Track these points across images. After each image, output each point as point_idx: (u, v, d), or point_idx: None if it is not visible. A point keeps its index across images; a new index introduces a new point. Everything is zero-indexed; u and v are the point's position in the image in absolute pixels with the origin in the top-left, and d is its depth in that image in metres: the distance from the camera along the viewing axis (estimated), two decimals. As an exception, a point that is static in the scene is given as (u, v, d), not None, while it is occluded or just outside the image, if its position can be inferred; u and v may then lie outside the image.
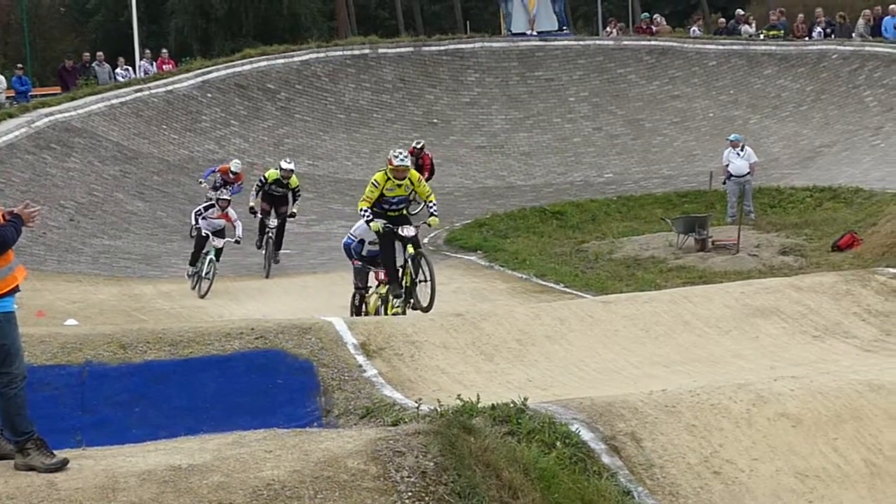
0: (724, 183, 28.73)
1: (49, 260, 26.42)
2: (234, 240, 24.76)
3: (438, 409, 10.81)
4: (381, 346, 14.34)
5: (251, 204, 26.66)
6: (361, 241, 19.45)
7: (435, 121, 37.63)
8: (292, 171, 27.07)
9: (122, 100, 35.01)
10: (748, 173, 28.42)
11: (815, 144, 34.91)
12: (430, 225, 18.52)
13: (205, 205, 25.49)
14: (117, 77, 38.53)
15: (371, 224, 17.90)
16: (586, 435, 10.59)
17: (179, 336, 13.95)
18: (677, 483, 10.36)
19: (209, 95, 36.46)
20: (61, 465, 8.72)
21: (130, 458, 9.08)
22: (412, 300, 18.08)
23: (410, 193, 18.12)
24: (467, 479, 8.98)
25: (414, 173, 18.18)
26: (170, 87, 36.15)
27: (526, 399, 11.08)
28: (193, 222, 25.31)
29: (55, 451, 8.84)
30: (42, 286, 23.28)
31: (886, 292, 16.85)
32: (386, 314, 18.37)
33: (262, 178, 27.15)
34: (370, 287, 19.47)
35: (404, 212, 18.28)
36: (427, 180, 30.80)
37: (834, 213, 27.58)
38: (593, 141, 37.09)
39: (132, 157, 33.08)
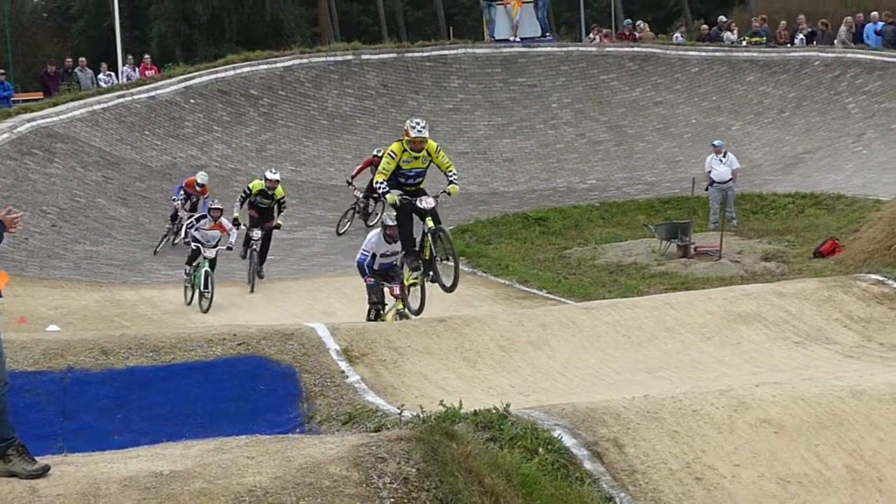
0: (707, 189, 28.78)
1: (31, 266, 26.37)
2: (225, 247, 24.52)
3: (421, 415, 10.81)
4: (364, 351, 14.34)
5: (235, 215, 25.79)
6: (374, 256, 18.99)
7: (418, 127, 37.59)
8: (278, 181, 26.48)
9: (105, 105, 34.91)
10: (730, 179, 28.47)
11: (798, 151, 34.97)
12: (449, 193, 17.29)
13: (196, 216, 25.01)
14: (100, 83, 38.43)
15: (387, 196, 17.00)
16: (568, 441, 10.60)
17: (162, 342, 13.93)
18: (659, 489, 10.38)
19: (192, 101, 36.39)
20: (43, 472, 8.70)
21: (112, 464, 9.06)
22: (431, 273, 17.35)
23: (428, 165, 17.24)
24: (449, 485, 8.98)
25: (432, 143, 17.20)
26: (152, 93, 36.07)
27: (508, 405, 11.09)
28: (183, 235, 24.97)
29: (37, 458, 8.82)
30: (24, 292, 23.23)
31: (868, 298, 16.89)
32: (403, 286, 18.10)
33: (247, 189, 26.58)
34: (386, 304, 19.03)
35: (421, 185, 17.39)
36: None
37: (816, 219, 27.64)
38: (576, 147, 37.10)
39: (114, 162, 33.01)
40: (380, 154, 30.87)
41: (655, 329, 15.81)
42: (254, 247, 25.74)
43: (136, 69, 39.33)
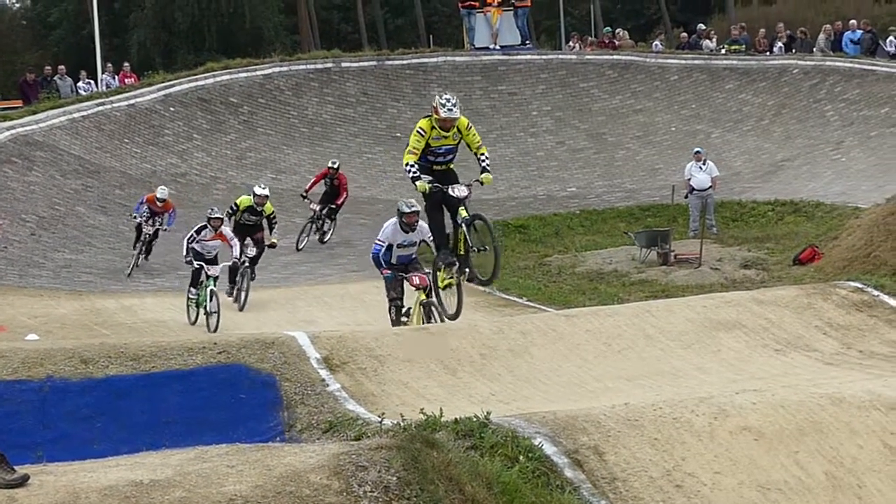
0: (687, 197, 28.84)
1: (10, 274, 26.29)
2: (230, 262, 23.62)
3: (401, 424, 10.80)
4: (345, 360, 14.32)
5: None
6: (389, 247, 17.58)
7: (398, 134, 37.59)
8: (267, 196, 25.50)
9: (84, 113, 34.86)
10: (710, 187, 28.55)
11: (777, 158, 35.07)
12: (482, 183, 15.86)
13: (196, 228, 23.63)
14: (79, 90, 38.37)
15: (417, 184, 15.40)
16: (549, 449, 10.60)
17: (141, 351, 13.90)
18: (640, 497, 10.38)
19: (171, 109, 36.35)
20: (22, 481, 8.67)
21: (92, 473, 9.04)
22: (467, 270, 15.86)
23: (459, 142, 15.87)
24: (430, 493, 8.98)
25: (463, 120, 15.76)
26: (132, 101, 36.02)
27: (489, 413, 11.09)
28: (185, 253, 23.48)
29: (16, 467, 8.79)
30: (3, 300, 23.18)
31: (847, 306, 16.94)
32: (436, 286, 16.45)
33: (234, 206, 25.47)
34: (404, 300, 17.74)
35: (451, 165, 15.95)
36: (341, 204, 30.79)
37: (795, 226, 27.72)
38: (556, 155, 37.14)
39: (94, 170, 32.95)
40: (335, 166, 30.93)
41: (635, 337, 15.82)
42: (246, 265, 24.34)
43: (116, 77, 39.28)
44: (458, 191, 15.66)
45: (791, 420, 11.49)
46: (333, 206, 30.69)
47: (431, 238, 16.80)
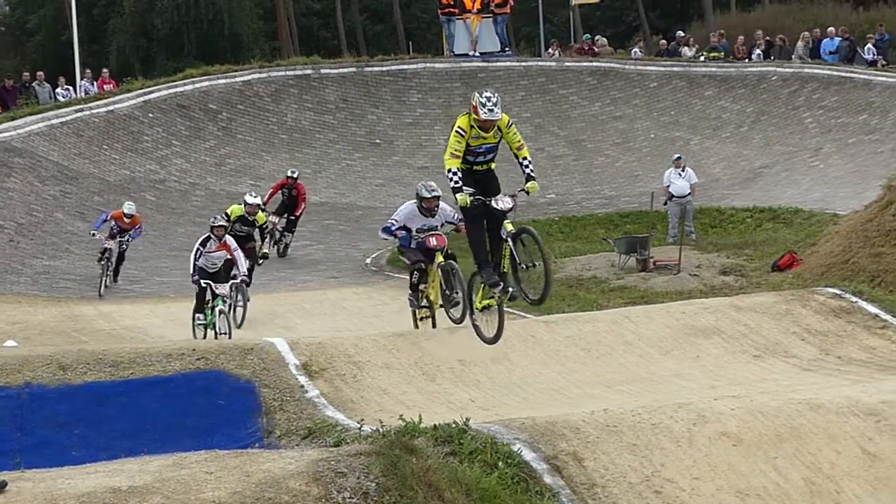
0: (666, 203, 28.88)
1: (-12, 281, 26.22)
2: (239, 279, 21.75)
3: (380, 430, 10.82)
4: (324, 366, 14.32)
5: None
6: (406, 229, 16.48)
7: (377, 141, 37.62)
8: (259, 206, 24.96)
9: (63, 119, 34.77)
10: (689, 194, 28.58)
11: (756, 165, 35.16)
12: (528, 192, 14.49)
13: (200, 240, 21.86)
14: (58, 97, 38.26)
15: (458, 196, 14.04)
16: (528, 455, 10.61)
17: (120, 357, 13.88)
18: (619, 503, 10.40)
19: (150, 115, 36.28)
20: (0, 488, 8.65)
21: (70, 479, 9.02)
22: (510, 290, 14.25)
23: (500, 140, 14.52)
24: (409, 499, 8.98)
25: (504, 117, 14.37)
26: (111, 107, 35.93)
27: (468, 419, 11.09)
28: (192, 272, 21.51)
29: (-7, 474, 8.77)
30: (-19, 307, 23.11)
31: (826, 312, 16.99)
32: (472, 307, 14.96)
33: (226, 215, 23.79)
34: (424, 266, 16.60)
35: (493, 164, 14.68)
36: (299, 216, 30.18)
37: (774, 233, 27.77)
38: (536, 161, 36.63)
39: (73, 177, 32.86)
40: (294, 175, 29.69)
41: (614, 343, 15.85)
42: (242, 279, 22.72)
43: (95, 83, 39.16)
44: (501, 203, 14.26)
45: (769, 426, 11.52)
46: (293, 218, 29.79)
47: (458, 217, 16.09)
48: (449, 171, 14.07)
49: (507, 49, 41.70)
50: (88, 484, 8.85)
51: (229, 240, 21.79)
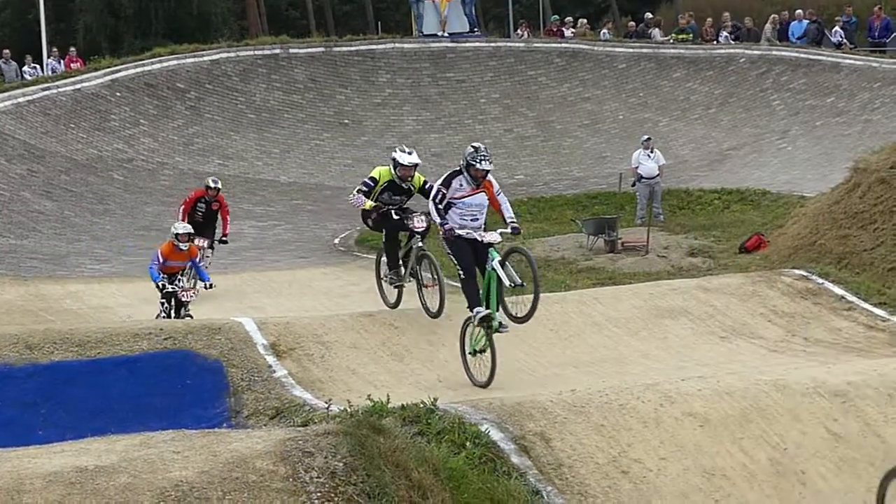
0: (634, 185, 28.92)
1: (-46, 260, 26.07)
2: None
3: (348, 410, 10.82)
4: (292, 346, 14.31)
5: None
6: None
7: (346, 121, 37.54)
8: (416, 164, 21.94)
9: (30, 98, 34.59)
10: (657, 175, 28.61)
11: (724, 147, 35.25)
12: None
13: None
14: (24, 75, 38.06)
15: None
16: (496, 435, 10.64)
17: (87, 336, 13.83)
18: (586, 483, 10.43)
19: (118, 94, 36.12)
20: (-34, 467, 8.61)
21: (36, 459, 8.99)
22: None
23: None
24: (377, 479, 8.99)
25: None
26: (78, 86, 35.76)
27: (436, 399, 11.11)
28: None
29: (-41, 453, 8.74)
30: (-53, 287, 22.99)
31: (792, 293, 17.07)
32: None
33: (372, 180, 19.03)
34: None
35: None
36: (227, 234, 27.00)
37: (742, 215, 27.83)
38: (504, 142, 37.14)
39: (39, 156, 32.70)
40: (216, 185, 24.09)
41: (583, 324, 15.90)
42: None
43: (62, 62, 38.96)
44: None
45: (736, 406, 11.57)
46: (224, 239, 24.25)
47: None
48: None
49: (475, 30, 41.65)
50: (55, 463, 8.83)
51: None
